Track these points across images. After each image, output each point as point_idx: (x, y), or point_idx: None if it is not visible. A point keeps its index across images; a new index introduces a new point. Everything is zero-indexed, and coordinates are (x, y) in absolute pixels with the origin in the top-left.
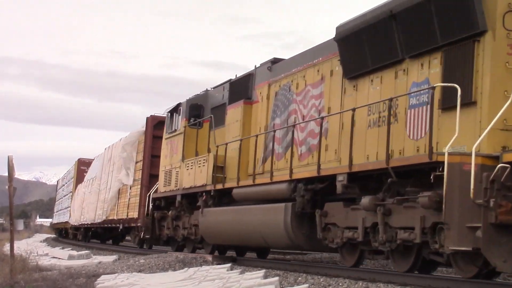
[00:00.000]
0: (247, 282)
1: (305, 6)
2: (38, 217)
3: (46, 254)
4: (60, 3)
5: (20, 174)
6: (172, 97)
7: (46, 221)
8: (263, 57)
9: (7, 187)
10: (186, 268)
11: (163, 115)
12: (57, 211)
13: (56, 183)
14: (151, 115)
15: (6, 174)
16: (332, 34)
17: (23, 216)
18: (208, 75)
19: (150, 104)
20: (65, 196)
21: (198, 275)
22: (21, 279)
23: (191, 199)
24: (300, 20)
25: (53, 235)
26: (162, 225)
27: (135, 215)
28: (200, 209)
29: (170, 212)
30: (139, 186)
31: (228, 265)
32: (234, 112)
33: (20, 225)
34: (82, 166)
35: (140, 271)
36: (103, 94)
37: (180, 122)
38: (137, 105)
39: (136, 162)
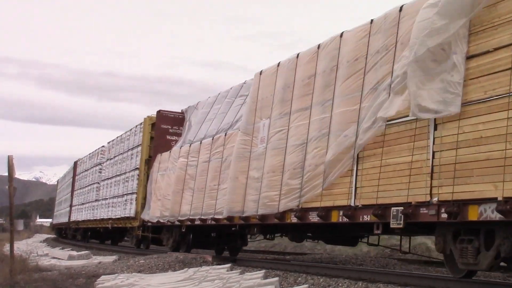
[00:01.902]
0: (247, 282)
1: (304, 6)
2: (38, 217)
3: (46, 255)
4: (58, 2)
5: (20, 174)
6: (171, 97)
7: (46, 221)
8: (263, 57)
9: (7, 187)
10: (186, 269)
11: None
12: (80, 204)
13: (73, 168)
14: None
15: (6, 174)
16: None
17: (23, 216)
18: (207, 75)
19: (149, 104)
20: (111, 178)
21: (198, 275)
22: (21, 279)
23: None
24: (298, 20)
25: (53, 235)
26: None
27: None
28: None
29: None
30: None
31: (228, 265)
32: None
33: (20, 225)
34: (165, 123)
35: (140, 272)
36: (102, 93)
37: None
38: (136, 105)
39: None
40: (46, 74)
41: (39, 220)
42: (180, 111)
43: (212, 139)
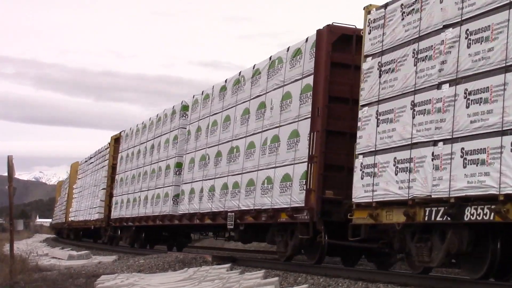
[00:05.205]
0: (247, 282)
1: (302, 5)
2: (38, 217)
3: (46, 255)
4: (56, 1)
5: (20, 174)
6: (170, 96)
7: (46, 221)
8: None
9: (7, 187)
10: (186, 268)
11: None
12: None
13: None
14: None
15: (6, 174)
16: None
17: (23, 216)
18: (206, 74)
19: (147, 104)
20: None
21: (198, 275)
22: (21, 279)
23: None
24: (297, 19)
25: (53, 235)
26: None
27: None
28: None
29: None
30: None
31: (228, 265)
32: None
33: (20, 225)
34: None
35: (139, 271)
36: (100, 93)
37: None
38: (134, 105)
39: None
40: (44, 74)
41: (38, 220)
42: None
43: None
